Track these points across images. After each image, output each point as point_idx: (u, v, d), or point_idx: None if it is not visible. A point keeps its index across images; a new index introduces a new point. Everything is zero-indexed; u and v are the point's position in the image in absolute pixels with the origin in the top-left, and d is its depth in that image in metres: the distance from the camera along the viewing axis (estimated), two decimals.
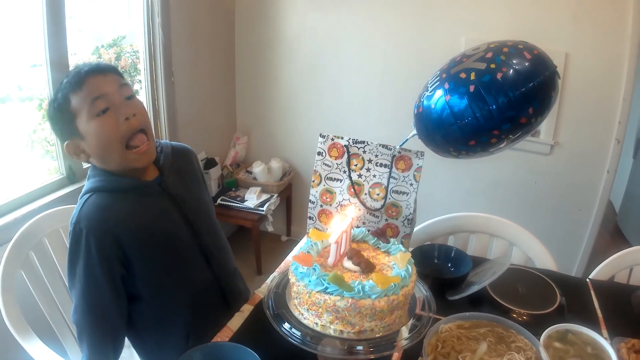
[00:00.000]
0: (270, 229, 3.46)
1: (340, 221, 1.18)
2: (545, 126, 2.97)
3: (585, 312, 1.47)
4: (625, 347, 1.24)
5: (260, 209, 3.30)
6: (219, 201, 3.37)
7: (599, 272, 1.77)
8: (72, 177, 2.42)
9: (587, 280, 1.66)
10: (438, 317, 1.22)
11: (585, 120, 2.92)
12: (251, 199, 3.37)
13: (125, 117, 1.31)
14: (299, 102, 3.60)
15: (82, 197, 1.37)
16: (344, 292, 1.03)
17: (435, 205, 2.55)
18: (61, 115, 1.32)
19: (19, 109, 2.34)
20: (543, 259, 1.85)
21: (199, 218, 1.52)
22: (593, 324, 1.38)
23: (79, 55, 2.48)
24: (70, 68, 1.33)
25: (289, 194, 3.78)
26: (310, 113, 3.59)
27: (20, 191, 2.21)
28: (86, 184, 1.40)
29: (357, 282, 1.06)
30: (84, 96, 1.29)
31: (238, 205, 3.33)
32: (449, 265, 1.64)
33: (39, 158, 2.43)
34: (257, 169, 3.52)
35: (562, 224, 3.15)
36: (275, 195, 3.47)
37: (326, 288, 1.05)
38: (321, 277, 1.06)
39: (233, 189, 3.54)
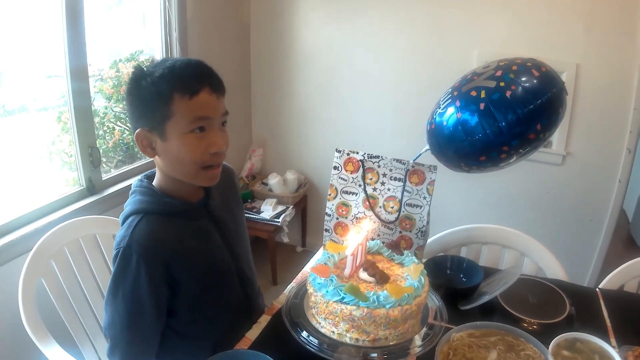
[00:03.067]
0: (285, 240, 3.49)
1: (356, 234, 1.23)
2: (557, 137, 3.00)
3: (594, 321, 1.47)
4: (632, 355, 1.25)
5: (276, 220, 3.33)
6: None
7: (608, 282, 1.78)
8: (92, 188, 2.46)
9: (597, 289, 1.67)
10: (450, 326, 1.26)
11: (596, 130, 2.94)
12: (267, 211, 3.40)
13: (216, 151, 1.29)
14: (314, 115, 3.64)
15: (130, 216, 1.34)
16: (360, 302, 1.08)
17: (450, 217, 2.57)
18: (156, 106, 1.24)
19: (36, 119, 2.34)
20: (553, 268, 1.87)
21: (238, 241, 1.53)
22: (602, 332, 1.38)
23: (95, 66, 2.51)
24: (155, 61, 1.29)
25: (304, 205, 3.81)
26: (325, 126, 3.62)
27: (41, 202, 2.23)
28: (132, 202, 1.37)
29: (372, 292, 1.11)
30: (190, 108, 1.23)
31: (254, 216, 3.37)
32: (461, 275, 1.67)
33: (57, 169, 2.45)
34: (273, 180, 3.55)
35: (575, 233, 3.16)
36: (291, 206, 3.50)
37: (343, 298, 1.10)
38: (338, 288, 1.11)
39: (249, 200, 3.57)
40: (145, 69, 1.27)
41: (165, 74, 1.23)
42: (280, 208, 3.46)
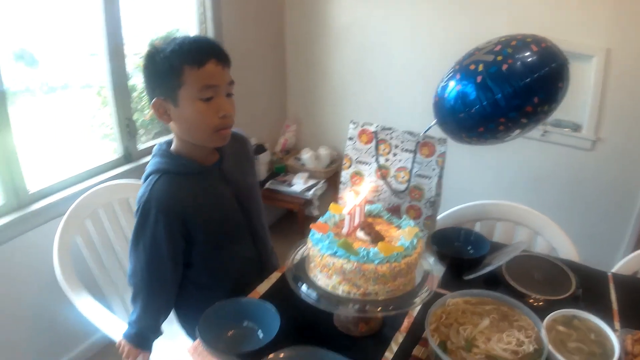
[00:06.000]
0: (316, 213, 3.56)
1: (354, 196, 1.29)
2: (586, 122, 2.96)
3: (600, 303, 1.45)
4: (631, 338, 1.22)
5: (307, 193, 3.42)
6: (267, 185, 3.51)
7: (623, 266, 1.78)
8: (129, 157, 2.62)
9: (609, 273, 1.63)
10: (445, 291, 1.31)
11: (629, 116, 2.88)
12: (298, 184, 3.49)
13: (224, 114, 1.42)
14: (347, 93, 3.68)
15: (149, 176, 1.49)
16: (351, 256, 1.16)
17: (476, 197, 2.60)
18: (168, 77, 1.38)
19: (80, 95, 2.53)
20: (567, 249, 1.88)
21: (250, 201, 1.65)
22: (606, 315, 1.35)
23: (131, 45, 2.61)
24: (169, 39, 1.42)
25: (337, 180, 3.85)
26: (358, 103, 3.66)
27: (82, 168, 2.40)
28: (152, 163, 1.52)
29: (364, 248, 1.18)
30: (199, 77, 1.37)
31: (285, 189, 3.46)
32: (469, 247, 1.71)
33: (99, 140, 2.63)
34: (306, 155, 3.63)
35: (604, 220, 3.12)
36: (322, 180, 3.58)
37: (335, 252, 1.17)
38: (332, 243, 1.19)
39: (282, 174, 3.67)
40: (157, 46, 1.42)
41: (176, 49, 1.38)
42: (311, 182, 3.53)
